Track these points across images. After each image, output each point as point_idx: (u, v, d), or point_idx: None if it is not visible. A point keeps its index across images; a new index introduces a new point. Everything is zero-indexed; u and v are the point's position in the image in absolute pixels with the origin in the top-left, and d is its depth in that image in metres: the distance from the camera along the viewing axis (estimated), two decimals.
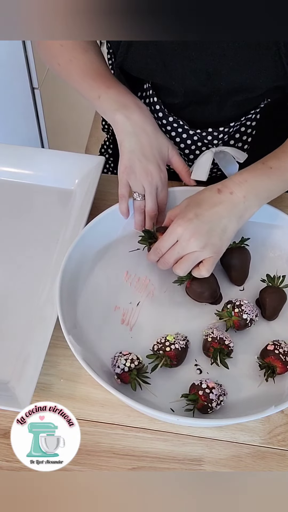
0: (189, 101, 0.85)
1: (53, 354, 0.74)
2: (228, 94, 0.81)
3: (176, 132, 0.88)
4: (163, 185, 0.80)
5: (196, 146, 0.88)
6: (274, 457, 0.69)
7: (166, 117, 0.87)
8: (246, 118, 0.85)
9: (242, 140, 0.89)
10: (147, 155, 0.77)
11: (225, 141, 0.88)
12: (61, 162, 0.94)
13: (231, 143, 0.89)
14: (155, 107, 0.87)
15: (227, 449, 0.69)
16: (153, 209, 0.80)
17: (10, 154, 0.96)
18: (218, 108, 0.84)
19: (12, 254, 0.86)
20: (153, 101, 0.87)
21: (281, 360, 0.70)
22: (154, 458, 0.68)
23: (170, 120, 0.87)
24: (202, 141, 0.87)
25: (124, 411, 0.71)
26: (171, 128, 0.88)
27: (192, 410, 0.68)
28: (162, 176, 0.79)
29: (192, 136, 0.87)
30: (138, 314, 0.78)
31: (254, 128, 0.87)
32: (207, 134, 0.86)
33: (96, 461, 0.68)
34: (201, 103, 0.85)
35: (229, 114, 0.85)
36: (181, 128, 0.87)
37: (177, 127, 0.87)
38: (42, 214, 0.91)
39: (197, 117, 0.87)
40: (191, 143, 0.88)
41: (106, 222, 0.83)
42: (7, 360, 0.74)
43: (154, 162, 0.78)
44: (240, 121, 0.85)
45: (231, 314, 0.74)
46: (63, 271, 0.75)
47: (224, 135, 0.86)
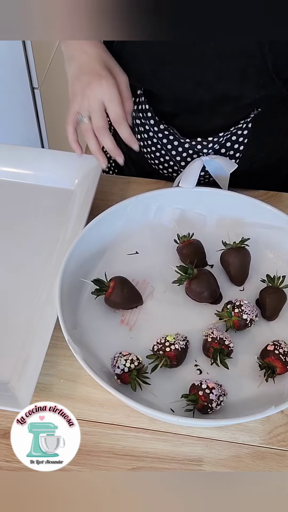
0: (179, 109, 0.85)
1: (53, 354, 0.74)
2: (217, 103, 0.82)
3: (167, 139, 0.88)
4: (110, 97, 0.73)
5: (187, 154, 0.89)
6: (274, 457, 0.69)
7: (157, 125, 0.87)
8: (236, 127, 0.86)
9: (233, 148, 0.89)
10: (85, 71, 0.73)
11: (216, 150, 0.88)
12: (61, 162, 0.94)
13: (222, 152, 0.89)
14: (146, 114, 0.87)
15: (227, 449, 0.69)
16: (100, 125, 0.74)
17: (10, 154, 0.96)
18: (208, 117, 0.85)
19: (12, 254, 0.86)
20: (145, 108, 0.87)
21: (281, 360, 0.70)
22: (154, 458, 0.68)
23: (161, 127, 0.87)
24: (193, 149, 0.88)
25: (124, 411, 0.71)
26: (163, 136, 0.88)
27: (192, 410, 0.68)
28: (105, 86, 0.72)
29: (183, 144, 0.88)
30: (138, 314, 0.78)
31: (245, 136, 0.88)
32: (197, 143, 0.86)
33: (96, 461, 0.68)
34: (191, 112, 0.85)
35: (218, 123, 0.85)
36: (172, 136, 0.87)
37: (168, 135, 0.88)
38: (42, 214, 0.91)
39: (188, 126, 0.87)
40: (182, 150, 0.89)
41: (106, 222, 0.83)
42: (7, 360, 0.74)
43: (94, 74, 0.72)
44: (230, 130, 0.86)
45: (231, 314, 0.74)
46: (63, 271, 0.75)
47: (215, 144, 0.87)
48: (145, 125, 0.89)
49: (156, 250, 0.85)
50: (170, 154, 0.90)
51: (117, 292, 0.76)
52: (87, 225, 0.81)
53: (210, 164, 0.87)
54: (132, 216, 0.85)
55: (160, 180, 0.96)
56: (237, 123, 0.85)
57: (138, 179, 0.97)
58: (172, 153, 0.90)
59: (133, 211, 0.85)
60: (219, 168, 0.87)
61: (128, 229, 0.85)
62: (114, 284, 0.76)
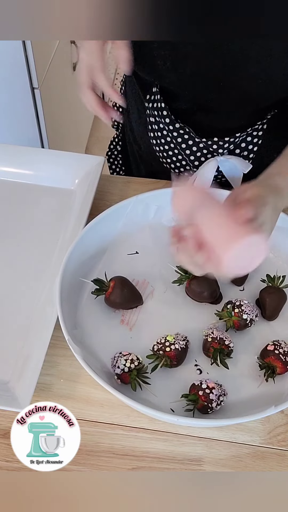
0: (196, 108, 0.85)
1: (53, 354, 0.74)
2: (237, 104, 0.81)
3: (182, 138, 0.88)
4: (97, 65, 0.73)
5: (201, 153, 0.88)
6: (274, 457, 0.69)
7: (172, 123, 0.87)
8: (252, 128, 0.85)
9: (248, 149, 0.89)
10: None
11: (230, 150, 0.88)
12: (61, 162, 0.94)
13: (237, 152, 0.89)
14: (162, 112, 0.87)
15: (227, 449, 0.69)
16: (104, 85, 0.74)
17: (10, 154, 0.96)
18: (226, 117, 0.84)
19: (12, 254, 0.86)
20: (160, 106, 0.87)
21: (281, 360, 0.70)
22: (154, 458, 0.68)
23: (176, 126, 0.87)
24: (208, 149, 0.87)
25: (124, 411, 0.71)
26: (177, 135, 0.88)
27: (192, 410, 0.68)
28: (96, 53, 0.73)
29: (198, 143, 0.87)
30: (138, 314, 0.78)
31: (260, 138, 0.87)
32: (213, 143, 0.86)
33: (96, 461, 0.68)
34: (209, 111, 0.84)
35: (236, 124, 0.85)
36: (187, 135, 0.87)
37: (183, 134, 0.87)
38: (42, 214, 0.91)
39: (204, 125, 0.86)
40: (196, 150, 0.88)
41: (106, 222, 0.83)
42: (7, 360, 0.74)
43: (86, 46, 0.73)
44: (247, 131, 0.85)
45: (231, 314, 0.74)
46: (63, 271, 0.75)
47: (230, 145, 0.86)
48: (159, 123, 0.88)
49: (156, 250, 0.85)
50: (184, 153, 0.90)
51: (117, 292, 0.76)
52: (87, 225, 0.81)
53: (225, 165, 0.87)
54: (132, 216, 0.85)
55: (160, 180, 0.96)
56: (254, 124, 0.85)
57: (138, 179, 0.97)
58: (186, 152, 0.89)
59: (133, 211, 0.85)
60: (233, 168, 0.87)
61: (128, 229, 0.85)
62: (114, 284, 0.76)
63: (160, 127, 0.89)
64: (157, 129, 0.90)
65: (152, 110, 0.88)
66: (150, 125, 0.91)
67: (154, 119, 0.89)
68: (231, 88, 0.78)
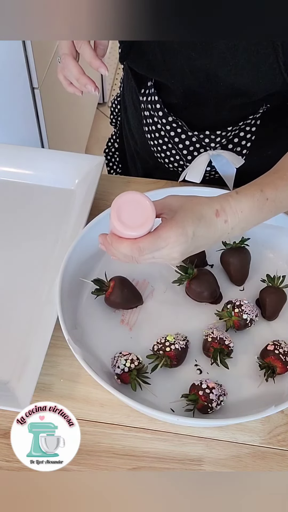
0: (188, 102, 0.85)
1: (53, 354, 0.74)
2: (226, 97, 0.81)
3: (175, 132, 0.88)
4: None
5: (194, 148, 0.89)
6: (274, 457, 0.69)
7: (165, 117, 0.87)
8: (244, 123, 0.85)
9: (241, 144, 0.89)
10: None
11: (223, 145, 0.88)
12: (61, 162, 0.94)
13: (230, 147, 0.89)
14: (155, 106, 0.87)
15: (227, 449, 0.69)
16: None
17: (10, 154, 0.96)
18: (216, 110, 0.84)
19: (12, 254, 0.86)
20: (154, 99, 0.87)
21: (281, 360, 0.70)
22: (154, 458, 0.68)
23: (169, 120, 0.87)
24: (200, 143, 0.88)
25: (124, 411, 0.71)
26: (170, 128, 0.88)
27: (192, 410, 0.68)
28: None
29: (190, 137, 0.88)
30: (138, 314, 0.78)
31: (253, 133, 0.87)
32: (205, 137, 0.86)
33: (96, 461, 0.68)
34: (199, 105, 0.85)
35: (226, 118, 0.85)
36: (180, 128, 0.87)
37: (176, 127, 0.88)
38: (42, 214, 0.91)
39: (196, 119, 0.87)
40: (189, 144, 0.88)
41: (106, 222, 0.82)
42: (7, 360, 0.74)
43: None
44: (239, 125, 0.85)
45: (231, 314, 0.74)
46: (63, 271, 0.75)
47: (222, 139, 0.86)
48: (153, 117, 0.89)
49: None
50: (177, 147, 0.90)
51: (117, 292, 0.76)
52: (87, 225, 0.81)
53: (217, 160, 0.87)
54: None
55: (160, 180, 0.96)
56: (246, 118, 0.85)
57: (138, 179, 0.97)
58: (179, 146, 0.90)
59: None
60: (226, 164, 0.87)
61: None
62: (114, 284, 0.76)
63: (154, 120, 0.89)
64: (151, 122, 0.90)
65: (146, 104, 0.89)
66: (144, 119, 0.92)
67: (148, 113, 0.90)
68: (219, 80, 0.78)
